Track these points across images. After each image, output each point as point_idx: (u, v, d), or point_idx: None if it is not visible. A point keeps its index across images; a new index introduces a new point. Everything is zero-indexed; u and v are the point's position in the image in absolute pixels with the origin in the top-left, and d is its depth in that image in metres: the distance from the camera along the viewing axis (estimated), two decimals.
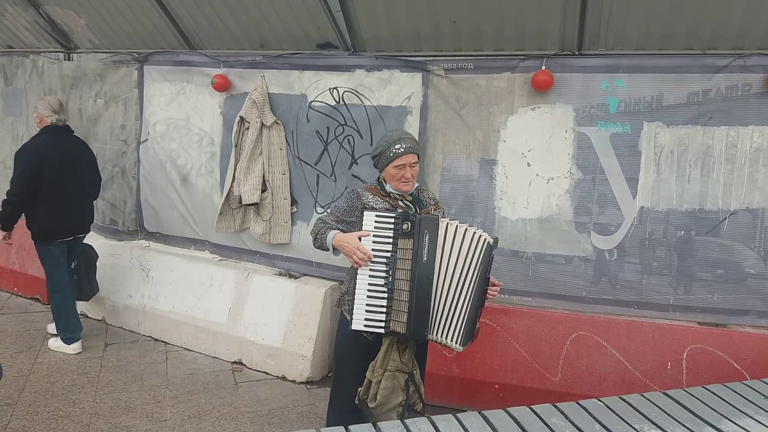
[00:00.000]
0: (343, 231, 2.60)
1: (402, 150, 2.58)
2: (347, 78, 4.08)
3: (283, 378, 4.08)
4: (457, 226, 2.48)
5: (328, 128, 4.20)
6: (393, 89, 3.96)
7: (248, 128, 4.31)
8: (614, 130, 3.53)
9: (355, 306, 2.49)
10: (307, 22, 3.95)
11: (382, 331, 2.47)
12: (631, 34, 3.37)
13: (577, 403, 2.17)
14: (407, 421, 1.97)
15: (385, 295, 2.46)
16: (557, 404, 2.14)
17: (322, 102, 4.18)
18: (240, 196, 4.33)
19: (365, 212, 2.50)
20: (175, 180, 4.82)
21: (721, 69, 3.31)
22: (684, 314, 3.53)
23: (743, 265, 3.42)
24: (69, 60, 5.28)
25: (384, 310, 2.46)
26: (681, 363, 3.38)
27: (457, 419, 2.00)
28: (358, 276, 2.50)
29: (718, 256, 3.46)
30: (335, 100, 4.13)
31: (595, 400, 2.19)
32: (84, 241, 4.49)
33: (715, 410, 2.19)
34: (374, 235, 2.47)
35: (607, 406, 2.16)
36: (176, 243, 4.96)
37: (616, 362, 3.47)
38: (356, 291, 2.49)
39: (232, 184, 4.39)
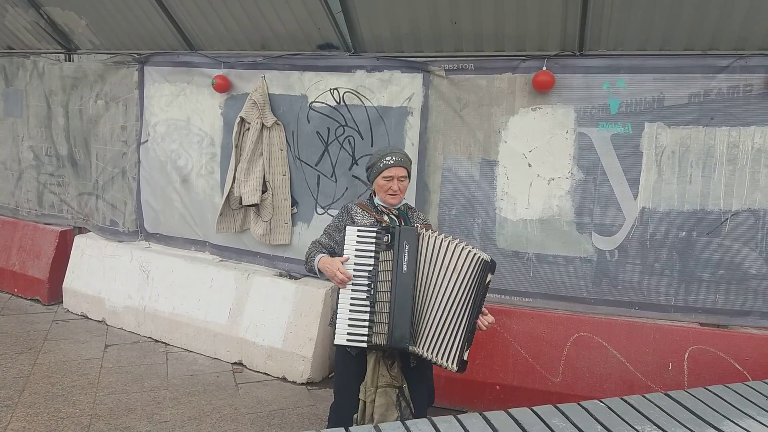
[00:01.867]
0: (332, 253, 2.65)
1: (392, 162, 2.65)
2: (348, 79, 4.08)
3: (284, 379, 4.08)
4: (441, 238, 2.45)
5: (328, 129, 4.20)
6: (394, 90, 3.95)
7: (249, 129, 4.31)
8: (615, 130, 3.52)
9: (337, 320, 2.46)
10: (307, 22, 3.95)
11: (364, 345, 2.44)
12: (632, 34, 3.37)
13: (579, 404, 2.16)
14: (408, 422, 1.96)
15: (368, 309, 2.44)
16: (558, 405, 2.13)
17: (322, 103, 4.18)
18: (240, 197, 4.33)
19: (347, 228, 2.52)
20: (176, 181, 4.82)
21: (723, 69, 3.31)
22: (685, 315, 3.52)
23: (745, 266, 3.42)
24: (69, 61, 5.28)
25: (366, 324, 2.43)
26: (682, 364, 3.37)
27: (458, 420, 1.99)
28: (340, 291, 2.50)
29: (720, 257, 3.45)
30: (336, 101, 4.13)
31: (597, 401, 2.19)
32: None
33: (716, 411, 2.19)
34: (356, 250, 2.48)
35: (609, 407, 2.15)
36: (176, 244, 4.96)
37: (618, 363, 3.46)
38: (339, 306, 2.48)
39: (232, 184, 4.39)
